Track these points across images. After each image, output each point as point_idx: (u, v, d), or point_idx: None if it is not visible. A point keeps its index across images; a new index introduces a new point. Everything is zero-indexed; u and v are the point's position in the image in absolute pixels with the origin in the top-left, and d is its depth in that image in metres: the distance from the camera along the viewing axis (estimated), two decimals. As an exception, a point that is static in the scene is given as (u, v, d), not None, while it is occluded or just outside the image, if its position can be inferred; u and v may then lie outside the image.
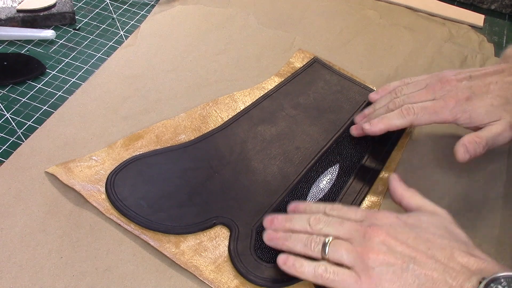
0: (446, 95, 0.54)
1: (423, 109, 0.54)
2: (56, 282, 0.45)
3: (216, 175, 0.54)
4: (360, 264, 0.41)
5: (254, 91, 0.64)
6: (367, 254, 0.40)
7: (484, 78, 0.54)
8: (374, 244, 0.41)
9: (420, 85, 0.56)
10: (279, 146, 0.58)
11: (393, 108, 0.56)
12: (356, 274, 0.41)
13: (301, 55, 0.70)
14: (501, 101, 0.53)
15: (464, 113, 0.53)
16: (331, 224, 0.44)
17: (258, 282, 0.46)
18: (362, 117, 0.60)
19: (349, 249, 0.42)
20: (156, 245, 0.47)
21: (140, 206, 0.49)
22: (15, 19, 0.67)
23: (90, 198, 0.49)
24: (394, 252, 0.40)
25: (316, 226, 0.44)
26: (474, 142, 0.51)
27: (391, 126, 0.55)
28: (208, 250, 0.48)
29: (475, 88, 0.54)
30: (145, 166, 0.53)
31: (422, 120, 0.54)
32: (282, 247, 0.45)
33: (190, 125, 0.58)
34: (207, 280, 0.46)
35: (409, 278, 0.39)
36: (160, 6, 0.75)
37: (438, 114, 0.53)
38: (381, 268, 0.40)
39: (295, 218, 0.46)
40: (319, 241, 0.43)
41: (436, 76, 0.56)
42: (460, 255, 0.40)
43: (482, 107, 0.52)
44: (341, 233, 0.43)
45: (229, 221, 0.50)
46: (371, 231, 0.42)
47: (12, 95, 0.60)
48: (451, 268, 0.39)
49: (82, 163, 0.52)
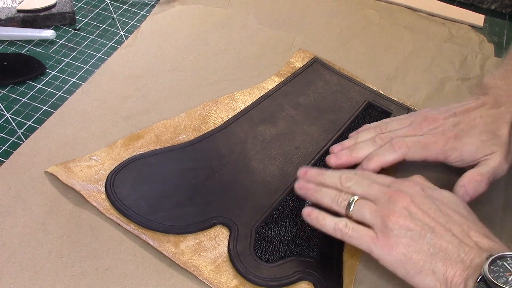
0: (434, 133, 0.53)
1: (415, 143, 0.52)
2: (56, 282, 0.45)
3: (216, 175, 0.54)
4: (380, 225, 0.43)
5: (254, 91, 0.64)
6: (389, 216, 0.42)
7: (468, 113, 0.54)
8: (397, 208, 0.43)
9: (404, 123, 0.55)
10: (279, 146, 0.58)
11: (380, 143, 0.53)
12: (374, 233, 0.43)
13: (301, 55, 0.70)
14: (489, 135, 0.52)
15: (455, 151, 0.52)
16: (360, 184, 0.46)
17: (258, 282, 0.46)
18: (341, 147, 0.55)
19: (372, 209, 0.44)
20: (155, 245, 0.47)
21: (139, 205, 0.49)
22: (15, 19, 0.67)
23: (89, 198, 0.49)
24: (415, 219, 0.42)
25: (346, 183, 0.47)
26: (475, 181, 0.50)
27: (383, 162, 0.52)
28: (207, 250, 0.48)
29: (461, 125, 0.53)
30: (145, 166, 0.53)
31: (415, 155, 0.52)
32: (310, 197, 0.48)
33: (190, 125, 0.58)
34: (206, 280, 0.46)
35: (424, 245, 0.41)
36: (160, 6, 0.75)
37: (430, 150, 0.52)
38: (399, 231, 0.42)
39: (327, 173, 0.49)
40: (346, 198, 0.46)
41: (421, 115, 0.55)
42: (475, 234, 0.41)
43: (472, 144, 0.52)
44: (368, 193, 0.45)
45: (228, 221, 0.50)
46: (397, 195, 0.44)
47: (12, 95, 0.60)
48: (465, 244, 0.40)
49: (82, 163, 0.52)
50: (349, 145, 0.55)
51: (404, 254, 0.41)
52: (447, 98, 0.68)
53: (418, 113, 0.56)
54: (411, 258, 0.41)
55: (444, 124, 0.53)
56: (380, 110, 0.64)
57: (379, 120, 0.60)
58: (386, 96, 0.66)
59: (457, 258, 0.40)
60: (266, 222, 0.51)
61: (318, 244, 0.49)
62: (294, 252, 0.49)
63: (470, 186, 0.50)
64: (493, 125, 0.53)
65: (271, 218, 0.51)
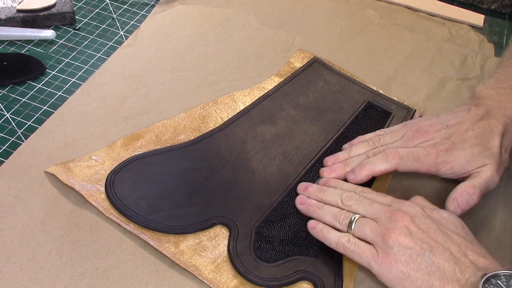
0: (426, 146, 0.52)
1: (408, 154, 0.52)
2: (56, 282, 0.45)
3: (215, 175, 0.54)
4: (381, 242, 0.44)
5: (254, 91, 0.64)
6: (389, 234, 0.44)
7: (460, 126, 0.54)
8: (398, 227, 0.44)
9: (397, 135, 0.55)
10: (278, 146, 0.58)
11: None
12: (375, 250, 0.44)
13: (301, 55, 0.70)
14: (480, 148, 0.52)
15: (446, 164, 0.52)
16: (361, 203, 0.48)
17: (258, 282, 0.46)
18: (334, 160, 0.56)
19: (373, 227, 0.45)
20: (155, 245, 0.47)
21: (139, 205, 0.49)
22: (15, 19, 0.67)
23: (89, 198, 0.49)
24: (415, 238, 0.43)
25: (347, 202, 0.48)
26: (467, 194, 0.50)
27: (375, 171, 0.52)
28: (207, 250, 0.48)
29: (453, 137, 0.53)
30: (144, 166, 0.53)
31: (407, 166, 0.52)
32: (312, 214, 0.50)
33: (190, 125, 0.58)
34: (206, 279, 0.46)
35: (422, 263, 0.42)
36: (160, 6, 0.75)
37: (422, 162, 0.52)
38: (399, 249, 0.43)
39: (329, 191, 0.51)
40: (348, 216, 0.47)
41: (412, 127, 0.55)
42: (472, 254, 0.43)
43: (463, 157, 0.52)
44: (369, 213, 0.47)
45: (228, 221, 0.50)
46: (397, 214, 0.45)
47: (12, 95, 0.60)
48: (462, 263, 0.42)
49: (82, 163, 0.52)
50: (343, 158, 0.55)
51: (402, 272, 0.42)
52: (447, 98, 0.68)
53: (410, 124, 0.56)
54: (410, 276, 0.42)
55: (436, 137, 0.53)
56: (380, 110, 0.64)
57: (379, 120, 0.62)
58: (386, 96, 0.66)
59: (453, 277, 0.41)
60: (266, 222, 0.51)
61: (318, 244, 0.49)
62: (294, 252, 0.49)
63: (462, 199, 0.50)
64: (484, 137, 0.53)
65: (271, 218, 0.51)
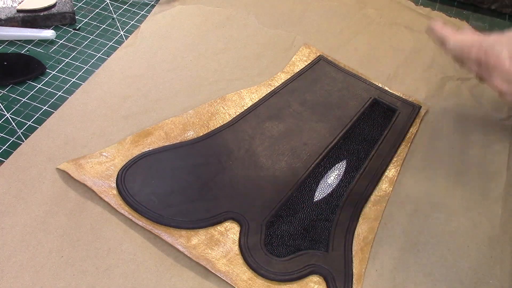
0: None
1: None
2: (57, 282, 0.45)
3: (225, 171, 0.54)
4: None
5: (261, 88, 0.64)
6: None
7: None
8: None
9: None
10: (286, 142, 0.58)
11: None
12: None
13: (307, 50, 0.70)
14: None
15: None
16: None
17: (269, 276, 0.47)
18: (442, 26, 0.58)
19: None
20: (168, 240, 0.48)
21: (151, 201, 0.50)
22: (15, 19, 0.67)
23: (101, 194, 0.50)
24: None
25: None
26: None
27: None
28: (219, 244, 0.48)
29: None
30: (154, 162, 0.53)
31: None
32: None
33: (199, 122, 0.59)
34: (219, 272, 0.46)
35: None
36: (160, 6, 0.75)
37: None
38: None
39: None
40: None
41: None
42: None
43: None
44: None
45: (239, 216, 0.50)
46: None
47: (12, 95, 0.60)
48: None
49: (92, 159, 0.53)
50: None
51: None
52: (447, 98, 0.68)
53: None
54: None
55: None
56: (385, 106, 0.64)
57: (384, 117, 0.63)
58: (391, 92, 0.66)
59: None
60: (276, 217, 0.51)
61: (328, 238, 0.49)
62: (304, 246, 0.49)
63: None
64: None
65: (281, 213, 0.51)
